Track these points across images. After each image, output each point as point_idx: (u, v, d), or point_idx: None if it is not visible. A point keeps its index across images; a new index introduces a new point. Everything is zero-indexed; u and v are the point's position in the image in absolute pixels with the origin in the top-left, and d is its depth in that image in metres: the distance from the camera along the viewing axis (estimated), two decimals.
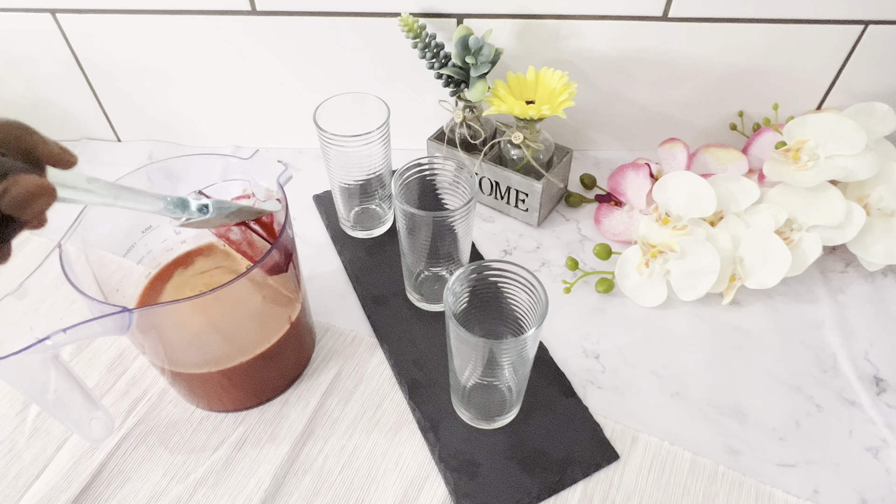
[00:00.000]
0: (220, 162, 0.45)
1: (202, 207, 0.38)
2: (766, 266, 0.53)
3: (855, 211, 0.53)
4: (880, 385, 0.49)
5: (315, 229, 0.63)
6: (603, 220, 0.61)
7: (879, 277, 0.57)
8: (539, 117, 0.54)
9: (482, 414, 0.45)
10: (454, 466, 0.44)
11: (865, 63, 0.60)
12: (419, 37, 0.55)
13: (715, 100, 0.65)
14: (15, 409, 0.48)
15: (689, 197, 0.54)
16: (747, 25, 0.58)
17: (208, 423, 0.48)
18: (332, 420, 0.47)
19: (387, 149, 0.55)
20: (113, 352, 0.52)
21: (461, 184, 0.49)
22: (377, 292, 0.56)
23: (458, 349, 0.40)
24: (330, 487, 0.44)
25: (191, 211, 0.37)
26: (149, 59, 0.65)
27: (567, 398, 0.48)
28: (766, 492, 0.43)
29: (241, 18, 0.61)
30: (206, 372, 0.43)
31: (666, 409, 0.48)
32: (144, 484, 0.44)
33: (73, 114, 0.71)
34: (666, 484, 0.43)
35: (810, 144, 0.54)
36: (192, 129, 0.72)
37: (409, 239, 0.49)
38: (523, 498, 0.42)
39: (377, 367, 0.51)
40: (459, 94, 0.58)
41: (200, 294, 0.36)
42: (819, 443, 0.46)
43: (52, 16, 0.62)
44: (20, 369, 0.34)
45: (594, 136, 0.70)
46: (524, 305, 0.41)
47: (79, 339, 0.35)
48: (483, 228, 0.62)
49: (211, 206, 0.38)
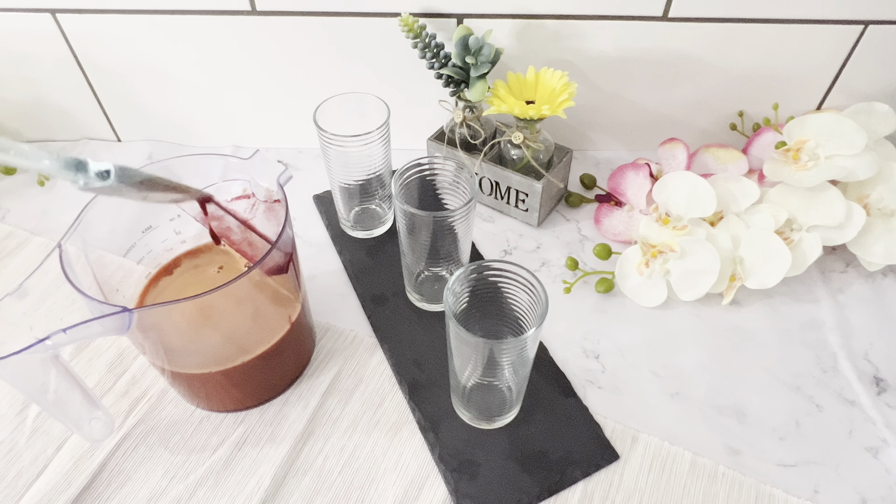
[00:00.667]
0: (220, 162, 0.45)
1: (102, 173, 0.33)
2: (766, 266, 0.53)
3: (855, 211, 0.53)
4: (880, 385, 0.49)
5: (315, 229, 0.63)
6: (603, 220, 0.61)
7: (879, 277, 0.57)
8: (539, 117, 0.54)
9: (482, 414, 0.45)
10: (454, 466, 0.44)
11: (865, 63, 0.60)
12: (419, 37, 0.55)
13: (715, 100, 0.65)
14: (15, 409, 0.48)
15: (689, 197, 0.54)
16: (747, 25, 0.58)
17: (208, 423, 0.48)
18: (332, 420, 0.47)
19: (387, 149, 0.55)
20: (113, 352, 0.52)
21: (461, 184, 0.49)
22: (377, 292, 0.56)
23: (458, 349, 0.40)
24: (330, 487, 0.44)
25: (88, 175, 0.33)
26: (149, 59, 0.65)
27: (567, 398, 0.48)
28: (766, 492, 0.43)
29: (241, 18, 0.61)
30: (206, 372, 0.43)
31: (666, 409, 0.48)
32: (144, 484, 0.44)
33: (73, 114, 0.71)
34: (666, 484, 0.44)
35: (810, 144, 0.54)
36: (192, 129, 0.72)
37: (409, 239, 0.49)
38: (523, 498, 0.42)
39: (377, 367, 0.51)
40: (459, 94, 0.58)
41: (200, 294, 0.36)
42: (819, 443, 0.46)
43: (52, 16, 0.62)
44: (20, 369, 0.34)
45: (594, 136, 0.70)
46: (524, 305, 0.41)
47: (79, 339, 0.35)
48: (483, 228, 0.62)
49: (113, 171, 0.33)
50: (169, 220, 0.47)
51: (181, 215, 0.46)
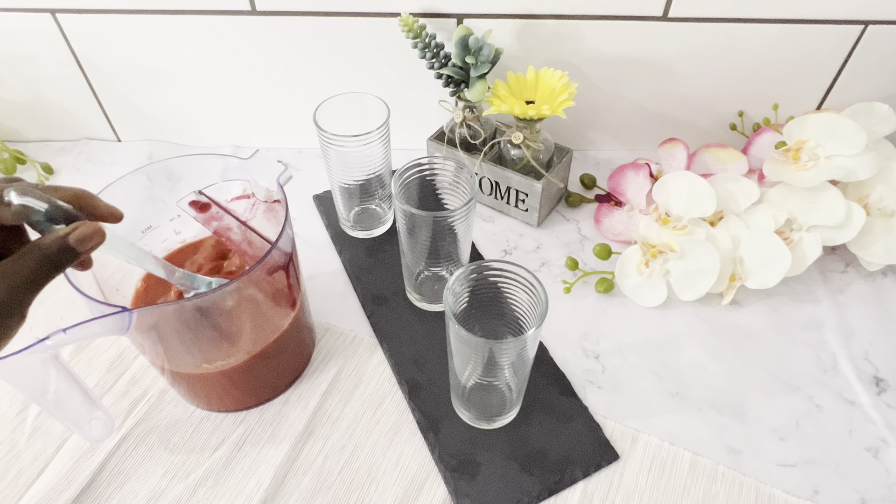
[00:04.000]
0: (220, 162, 0.45)
1: (209, 283, 0.40)
2: (766, 266, 0.53)
3: (855, 211, 0.53)
4: (880, 385, 0.49)
5: (315, 229, 0.63)
6: (603, 220, 0.61)
7: (879, 277, 0.57)
8: (539, 117, 0.54)
9: (482, 414, 0.45)
10: (454, 466, 0.44)
11: (865, 63, 0.60)
12: (419, 37, 0.55)
13: (715, 100, 0.65)
14: (15, 409, 0.48)
15: (689, 197, 0.54)
16: (747, 25, 0.58)
17: (208, 423, 0.48)
18: (332, 420, 0.47)
19: (387, 149, 0.55)
20: (113, 352, 0.52)
21: (461, 184, 0.49)
22: (377, 292, 0.56)
23: (458, 349, 0.40)
24: (330, 487, 0.44)
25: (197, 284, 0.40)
26: (149, 59, 0.65)
27: (567, 398, 0.48)
28: (766, 492, 0.43)
29: (241, 18, 0.61)
30: (206, 372, 0.43)
31: (666, 409, 0.48)
32: (144, 484, 0.44)
33: (73, 114, 0.71)
34: (666, 484, 0.43)
35: (810, 144, 0.54)
36: (192, 129, 0.72)
37: (409, 239, 0.49)
38: (523, 498, 0.42)
39: (377, 367, 0.51)
40: (459, 94, 0.58)
41: (200, 294, 0.36)
42: (819, 443, 0.46)
43: (52, 16, 0.62)
44: (20, 369, 0.34)
45: (594, 136, 0.70)
46: (524, 305, 0.41)
47: (79, 339, 0.35)
48: (483, 228, 0.62)
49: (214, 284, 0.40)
50: (169, 221, 0.47)
51: (181, 215, 0.46)
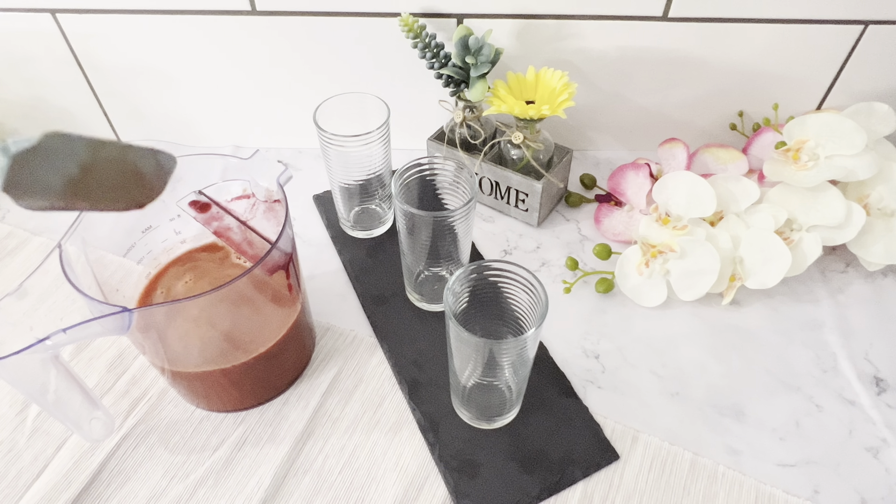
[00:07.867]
0: (220, 162, 0.45)
1: None
2: (766, 266, 0.53)
3: (855, 211, 0.53)
4: (880, 385, 0.49)
5: (315, 229, 0.63)
6: (603, 220, 0.61)
7: (879, 277, 0.57)
8: (539, 117, 0.54)
9: (482, 414, 0.45)
10: (454, 466, 0.44)
11: (865, 63, 0.60)
12: (419, 37, 0.55)
13: (715, 100, 0.65)
14: (15, 409, 0.48)
15: (689, 197, 0.54)
16: (747, 25, 0.58)
17: (208, 423, 0.48)
18: (332, 420, 0.47)
19: (387, 149, 0.55)
20: (113, 352, 0.52)
21: (461, 184, 0.49)
22: (377, 292, 0.56)
23: (458, 349, 0.40)
24: (330, 487, 0.44)
25: None
26: (149, 59, 0.65)
27: (567, 398, 0.48)
28: (766, 492, 0.43)
29: (241, 18, 0.61)
30: (206, 372, 0.43)
31: (666, 409, 0.48)
32: (144, 484, 0.44)
33: (73, 114, 0.71)
34: (666, 484, 0.43)
35: (810, 144, 0.54)
36: (192, 129, 0.72)
37: (409, 239, 0.49)
38: (523, 498, 0.42)
39: (377, 367, 0.51)
40: (459, 94, 0.58)
41: (200, 294, 0.36)
42: (819, 443, 0.46)
43: (52, 16, 0.62)
44: (20, 369, 0.34)
45: (594, 136, 0.70)
46: (524, 305, 0.41)
47: (79, 339, 0.35)
48: (483, 228, 0.62)
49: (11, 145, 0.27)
50: (169, 221, 0.47)
51: (181, 215, 0.46)
